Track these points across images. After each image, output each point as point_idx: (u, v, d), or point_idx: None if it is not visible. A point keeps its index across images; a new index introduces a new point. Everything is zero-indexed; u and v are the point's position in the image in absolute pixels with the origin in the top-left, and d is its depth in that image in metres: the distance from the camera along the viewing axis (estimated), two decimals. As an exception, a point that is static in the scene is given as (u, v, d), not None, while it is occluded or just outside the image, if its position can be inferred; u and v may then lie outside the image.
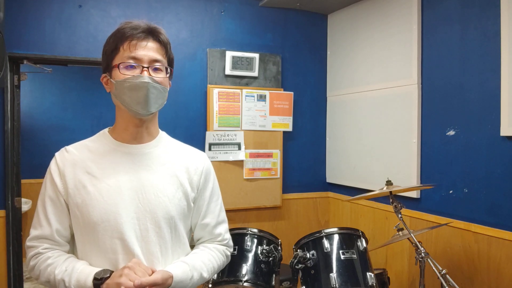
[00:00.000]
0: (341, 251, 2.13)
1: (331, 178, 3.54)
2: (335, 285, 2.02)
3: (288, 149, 3.44)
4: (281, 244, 2.36)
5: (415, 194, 2.70)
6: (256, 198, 3.29)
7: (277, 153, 3.35)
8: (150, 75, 1.16)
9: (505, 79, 2.17)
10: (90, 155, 1.22)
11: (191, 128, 3.12)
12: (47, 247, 1.19)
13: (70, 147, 1.25)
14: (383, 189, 2.25)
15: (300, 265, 2.14)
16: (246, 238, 2.29)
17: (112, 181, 1.18)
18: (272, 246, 2.26)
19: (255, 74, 3.27)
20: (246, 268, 2.17)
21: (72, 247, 1.24)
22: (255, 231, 2.32)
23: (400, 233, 2.26)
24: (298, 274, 2.20)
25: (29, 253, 1.20)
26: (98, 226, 1.15)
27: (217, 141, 3.15)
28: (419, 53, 2.68)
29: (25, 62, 2.71)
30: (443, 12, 2.55)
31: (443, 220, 2.50)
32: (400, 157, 2.79)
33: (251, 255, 2.23)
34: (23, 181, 2.89)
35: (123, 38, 1.17)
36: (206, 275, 1.27)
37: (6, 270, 2.69)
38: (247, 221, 3.29)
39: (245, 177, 3.25)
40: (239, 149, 3.21)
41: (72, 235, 1.22)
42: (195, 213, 1.33)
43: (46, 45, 2.73)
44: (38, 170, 4.29)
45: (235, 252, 2.22)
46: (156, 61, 1.18)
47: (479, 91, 2.33)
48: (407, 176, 2.73)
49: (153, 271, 1.14)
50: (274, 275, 2.23)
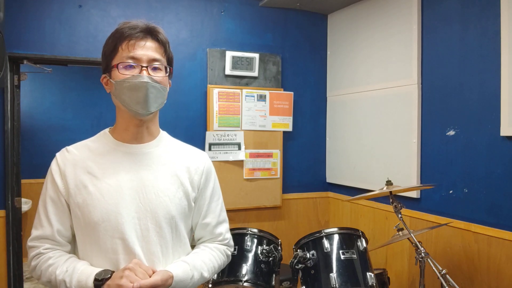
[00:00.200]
0: (341, 251, 2.13)
1: (331, 178, 3.54)
2: (335, 285, 2.02)
3: (288, 149, 3.44)
4: (281, 244, 2.36)
5: (415, 194, 2.70)
6: (256, 198, 3.29)
7: (277, 153, 3.35)
8: (149, 74, 1.16)
9: (505, 79, 2.17)
10: (91, 155, 1.22)
11: (191, 128, 3.12)
12: (48, 247, 1.19)
13: (71, 147, 1.25)
14: (383, 189, 2.25)
15: (300, 265, 2.14)
16: (246, 238, 2.29)
17: (112, 181, 1.19)
18: (272, 246, 2.26)
19: (255, 74, 3.27)
20: (246, 268, 2.17)
21: (73, 247, 1.24)
22: (255, 231, 2.32)
23: (400, 233, 2.26)
24: (298, 274, 2.20)
25: (31, 253, 1.20)
26: (99, 226, 1.15)
27: (217, 141, 3.15)
28: (419, 53, 2.68)
29: (25, 62, 2.71)
30: (443, 12, 2.55)
31: (443, 220, 2.50)
32: (400, 157, 2.79)
33: (251, 255, 2.23)
34: (23, 181, 2.89)
35: (121, 38, 1.17)
36: (206, 274, 1.27)
37: (6, 270, 2.69)
38: (247, 221, 3.29)
39: (245, 177, 3.25)
40: (239, 149, 3.21)
41: (73, 235, 1.22)
42: (195, 213, 1.33)
43: (46, 45, 2.73)
44: (38, 170, 4.31)
45: (235, 252, 2.22)
46: (155, 60, 1.18)
47: (479, 91, 2.33)
48: (407, 176, 2.73)
49: (154, 271, 1.14)
50: (274, 275, 2.23)
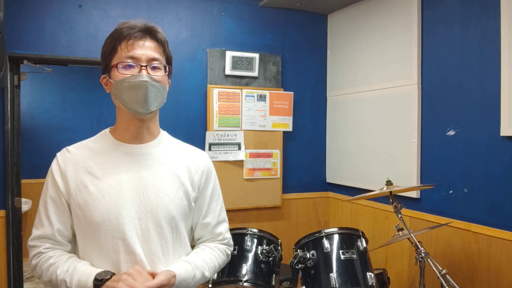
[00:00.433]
0: (341, 251, 2.13)
1: (331, 178, 3.54)
2: (335, 285, 2.02)
3: (288, 149, 3.44)
4: (281, 244, 2.36)
5: (415, 194, 2.70)
6: (256, 198, 3.29)
7: (277, 153, 3.35)
8: (148, 73, 1.16)
9: (505, 79, 2.17)
10: (91, 155, 1.22)
11: (191, 128, 3.12)
12: (48, 247, 1.19)
13: (71, 147, 1.25)
14: (383, 189, 2.25)
15: (300, 265, 2.14)
16: (246, 238, 2.29)
17: (113, 181, 1.19)
18: (272, 246, 2.26)
19: (255, 74, 3.27)
20: (246, 268, 2.17)
21: (73, 247, 1.24)
22: (255, 231, 2.32)
23: (400, 233, 2.26)
24: (298, 274, 2.20)
25: (31, 253, 1.20)
26: (99, 226, 1.16)
27: (217, 141, 3.15)
28: (419, 53, 2.68)
29: (25, 62, 2.70)
30: (443, 12, 2.55)
31: (443, 220, 2.50)
32: (400, 157, 2.79)
33: (251, 255, 2.23)
34: (23, 181, 2.89)
35: (120, 38, 1.17)
36: (207, 274, 1.27)
37: (6, 270, 2.69)
38: (247, 221, 3.29)
39: (245, 177, 3.25)
40: (239, 149, 3.21)
41: (73, 234, 1.22)
42: (196, 213, 1.33)
43: (46, 45, 2.73)
44: (38, 170, 4.31)
45: (235, 252, 2.22)
46: (154, 59, 1.18)
47: (479, 91, 2.33)
48: (407, 176, 2.73)
49: (154, 274, 1.13)
50: (274, 275, 2.23)
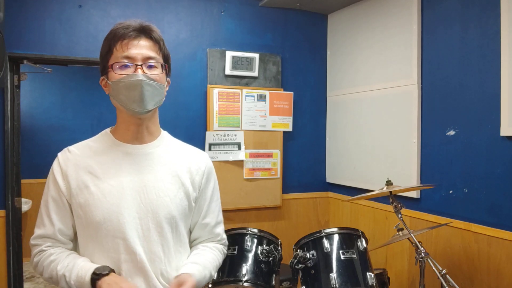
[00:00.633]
0: (341, 251, 2.13)
1: (331, 178, 3.54)
2: (335, 285, 2.02)
3: (288, 149, 3.44)
4: (281, 244, 2.36)
5: (415, 194, 2.70)
6: (256, 198, 3.29)
7: (277, 153, 3.35)
8: (144, 72, 1.17)
9: (505, 79, 2.17)
10: (92, 155, 1.23)
11: (191, 128, 3.12)
12: (49, 245, 1.21)
13: (72, 147, 1.26)
14: (383, 189, 2.25)
15: (300, 265, 2.14)
16: (246, 238, 2.29)
17: (114, 181, 1.19)
18: (272, 246, 2.26)
19: (255, 74, 3.27)
20: (246, 268, 2.17)
21: (75, 245, 1.26)
22: (255, 231, 2.32)
23: (400, 233, 2.26)
24: (298, 274, 2.20)
25: (33, 251, 1.23)
26: (100, 226, 1.16)
27: (217, 141, 3.15)
28: (419, 53, 2.68)
29: (25, 62, 2.71)
30: (443, 12, 2.55)
31: (443, 220, 2.50)
32: (400, 157, 2.79)
33: (251, 255, 2.23)
34: (23, 181, 2.89)
35: (115, 38, 1.18)
36: (213, 273, 1.31)
37: (6, 270, 2.69)
38: (247, 221, 3.28)
39: (245, 177, 3.25)
40: (239, 149, 3.21)
41: (75, 233, 1.24)
42: (195, 212, 1.33)
43: (46, 45, 2.73)
44: (38, 170, 4.31)
45: (235, 252, 2.22)
46: (149, 58, 1.18)
47: (479, 91, 2.33)
48: (407, 176, 2.73)
49: (181, 282, 1.15)
50: (274, 275, 2.23)
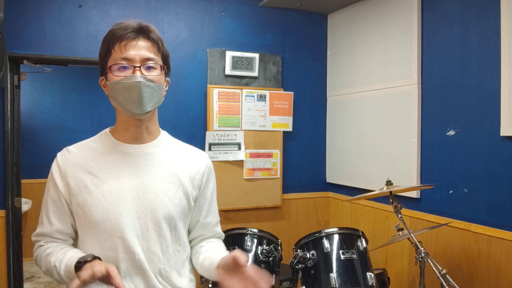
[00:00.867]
0: (341, 251, 2.13)
1: (331, 178, 3.54)
2: (335, 285, 2.02)
3: (288, 149, 3.44)
4: (281, 244, 2.36)
5: (415, 194, 2.70)
6: (256, 198, 3.29)
7: (277, 153, 3.35)
8: (142, 74, 1.16)
9: (505, 79, 2.17)
10: (91, 155, 1.23)
11: (191, 128, 3.12)
12: (48, 240, 1.24)
13: (71, 147, 1.26)
14: (383, 189, 2.25)
15: (300, 265, 2.14)
16: (246, 238, 2.29)
17: (113, 181, 1.19)
18: (272, 246, 2.26)
19: (255, 74, 3.27)
20: (246, 268, 2.17)
21: (76, 243, 1.27)
22: (255, 231, 2.32)
23: (400, 233, 2.26)
24: (298, 274, 2.20)
25: (34, 246, 1.26)
26: (99, 225, 1.17)
27: (217, 141, 3.15)
28: (419, 53, 2.68)
29: (25, 62, 2.71)
30: (443, 12, 2.55)
31: (443, 220, 2.50)
32: (400, 157, 2.79)
33: (251, 255, 2.23)
34: (23, 181, 2.89)
35: (113, 39, 1.17)
36: None
37: (6, 270, 2.69)
38: (247, 221, 3.28)
39: (245, 177, 3.25)
40: (239, 149, 3.21)
41: (75, 231, 1.25)
42: (195, 212, 1.34)
43: (46, 45, 2.73)
44: (38, 170, 4.31)
45: (235, 252, 2.22)
46: (148, 59, 1.18)
47: (479, 91, 2.33)
48: (407, 176, 2.73)
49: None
50: (274, 275, 2.23)
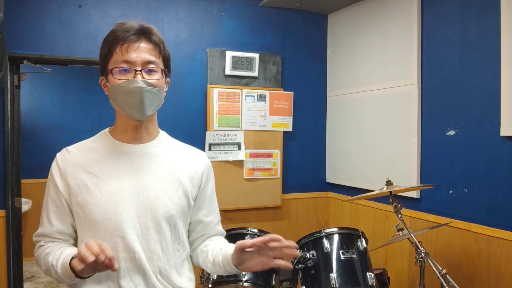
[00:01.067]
0: (341, 251, 2.13)
1: (331, 178, 3.54)
2: (335, 285, 2.02)
3: (288, 149, 3.44)
4: (281, 244, 2.36)
5: (415, 194, 2.70)
6: (256, 198, 3.29)
7: (277, 153, 3.35)
8: (143, 78, 1.16)
9: (505, 79, 2.17)
10: (91, 155, 1.23)
11: (191, 128, 3.12)
12: (48, 240, 1.24)
13: (71, 147, 1.26)
14: (383, 189, 2.25)
15: (300, 265, 2.14)
16: (246, 238, 2.29)
17: (113, 180, 1.20)
18: (272, 246, 2.25)
19: (255, 74, 3.27)
20: (246, 268, 2.17)
21: (76, 243, 1.27)
22: (255, 231, 2.32)
23: (400, 233, 2.26)
24: (298, 274, 2.20)
25: (35, 246, 1.27)
26: (99, 224, 1.17)
27: (217, 141, 3.15)
28: (419, 53, 2.68)
29: (25, 62, 2.71)
30: (443, 12, 2.55)
31: (443, 220, 2.50)
32: (400, 157, 2.79)
33: (251, 255, 2.23)
34: (23, 181, 2.89)
35: (115, 41, 1.17)
36: None
37: (6, 270, 2.69)
38: (247, 221, 3.28)
39: (245, 177, 3.25)
40: (239, 149, 3.21)
41: (76, 231, 1.25)
42: (194, 211, 1.34)
43: (46, 45, 2.73)
44: (38, 170, 4.32)
45: (235, 252, 2.22)
46: (149, 62, 1.18)
47: (479, 91, 2.33)
48: (407, 176, 2.73)
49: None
50: (274, 275, 2.23)
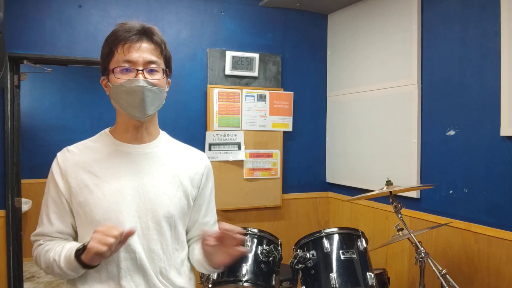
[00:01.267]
0: (341, 251, 2.13)
1: (331, 178, 3.54)
2: (335, 285, 2.02)
3: (288, 149, 3.44)
4: (281, 244, 2.36)
5: (415, 194, 2.70)
6: (256, 198, 3.29)
7: (277, 153, 3.35)
8: (145, 77, 1.16)
9: (505, 79, 2.17)
10: (91, 155, 1.23)
11: (191, 128, 3.12)
12: (47, 239, 1.24)
13: (71, 147, 1.26)
14: (383, 189, 2.25)
15: (300, 265, 2.14)
16: (246, 238, 2.29)
17: (114, 180, 1.20)
18: (272, 246, 2.26)
19: (255, 74, 3.27)
20: (246, 268, 2.17)
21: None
22: (255, 231, 2.32)
23: (400, 233, 2.26)
24: (298, 274, 2.20)
25: (33, 246, 1.26)
26: (100, 224, 1.16)
27: (217, 141, 3.15)
28: (419, 53, 2.68)
29: (25, 62, 2.71)
30: (443, 12, 2.55)
31: (443, 220, 2.50)
32: (400, 157, 2.79)
33: (251, 255, 2.23)
34: (23, 181, 2.89)
35: (116, 41, 1.17)
36: None
37: (6, 270, 2.69)
38: (247, 221, 3.29)
39: (245, 177, 3.25)
40: (239, 149, 3.21)
41: (75, 231, 1.25)
42: (194, 211, 1.34)
43: (46, 45, 2.73)
44: (38, 170, 4.32)
45: (235, 252, 2.22)
46: (151, 62, 1.18)
47: (479, 91, 2.33)
48: (407, 176, 2.73)
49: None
50: (274, 275, 2.23)
